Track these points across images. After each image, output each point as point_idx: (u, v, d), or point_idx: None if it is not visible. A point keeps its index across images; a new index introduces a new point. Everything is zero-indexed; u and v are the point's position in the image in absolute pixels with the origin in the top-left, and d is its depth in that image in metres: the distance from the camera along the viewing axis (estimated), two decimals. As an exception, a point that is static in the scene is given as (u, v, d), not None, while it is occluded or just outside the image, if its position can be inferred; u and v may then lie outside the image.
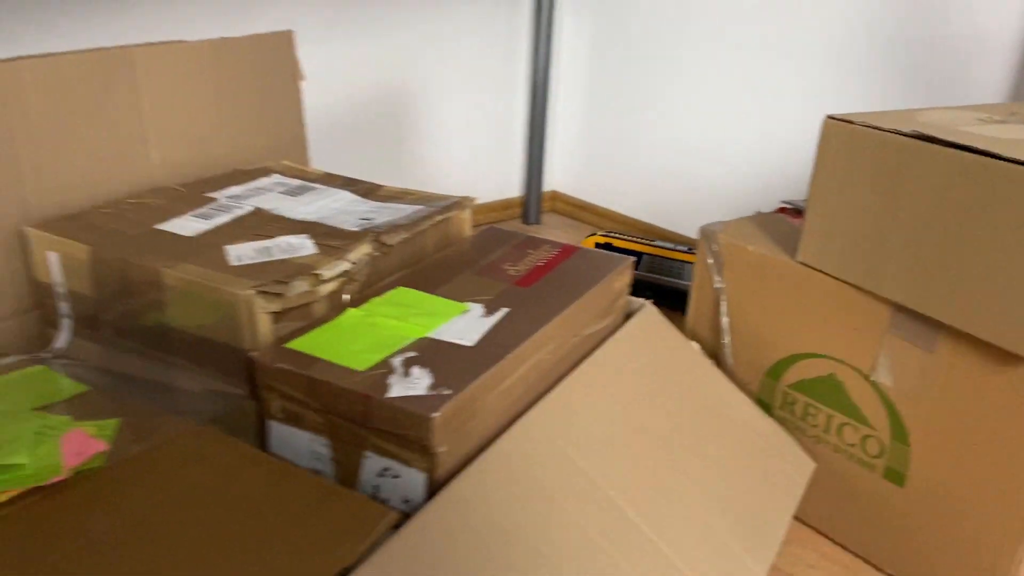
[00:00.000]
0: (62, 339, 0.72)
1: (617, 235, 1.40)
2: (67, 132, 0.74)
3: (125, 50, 0.79)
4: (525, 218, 1.73)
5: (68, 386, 0.64)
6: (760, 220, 0.91)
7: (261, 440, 0.62)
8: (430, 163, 1.59)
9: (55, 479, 0.51)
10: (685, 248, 1.36)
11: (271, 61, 0.93)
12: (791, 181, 1.38)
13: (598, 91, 1.66)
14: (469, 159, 1.65)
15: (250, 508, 0.51)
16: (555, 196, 1.79)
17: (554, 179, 1.77)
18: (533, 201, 1.70)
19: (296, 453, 0.59)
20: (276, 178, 0.88)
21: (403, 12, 1.44)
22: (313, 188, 0.85)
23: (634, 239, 1.39)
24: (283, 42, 0.94)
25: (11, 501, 0.50)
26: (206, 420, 0.62)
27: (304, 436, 0.59)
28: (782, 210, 0.94)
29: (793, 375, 0.83)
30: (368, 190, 0.86)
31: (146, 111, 0.81)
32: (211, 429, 0.59)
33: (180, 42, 0.84)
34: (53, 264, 0.70)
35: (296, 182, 0.87)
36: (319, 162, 1.36)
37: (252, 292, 0.60)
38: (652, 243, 1.37)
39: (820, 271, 0.77)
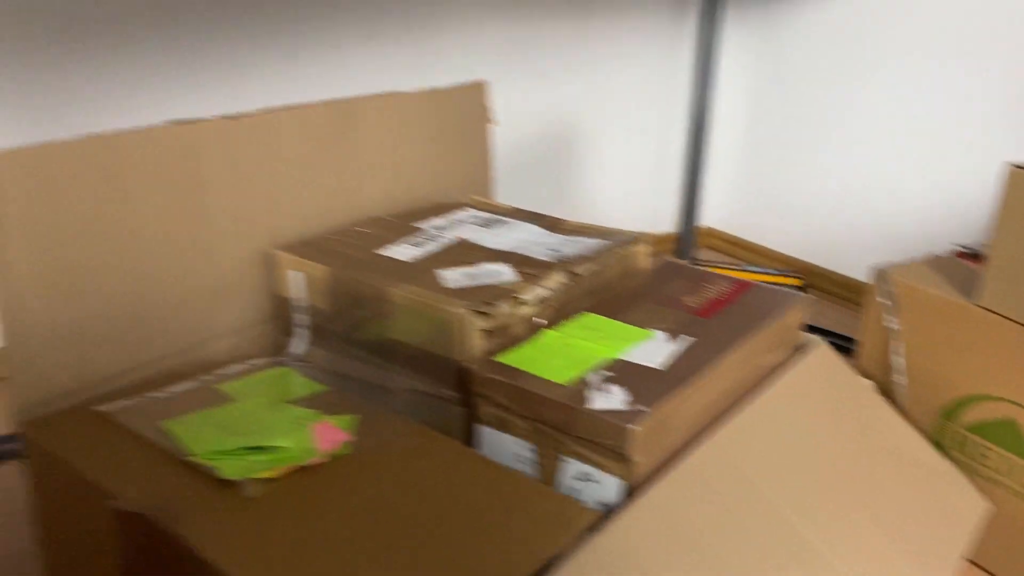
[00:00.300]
0: (298, 346, 0.84)
1: (705, 262, 1.46)
2: (308, 170, 0.87)
3: (353, 100, 0.91)
4: (679, 253, 1.77)
5: (309, 385, 0.75)
6: (935, 263, 0.92)
7: (468, 442, 0.71)
8: (589, 197, 1.67)
9: (313, 461, 0.62)
10: (776, 271, 1.38)
11: (468, 107, 1.04)
12: (957, 223, 1.36)
13: (757, 128, 1.68)
14: (626, 194, 1.72)
15: (466, 499, 0.59)
16: (710, 232, 1.82)
17: (709, 215, 1.81)
18: (688, 237, 1.74)
19: (501, 455, 0.67)
20: (470, 212, 0.98)
21: (570, 54, 1.54)
22: (503, 221, 0.95)
23: (724, 265, 1.44)
24: (479, 91, 1.05)
25: (280, 477, 0.60)
26: (417, 421, 0.71)
27: (510, 440, 0.67)
28: (959, 254, 0.94)
29: (969, 416, 0.83)
30: (552, 224, 0.94)
31: (366, 152, 0.93)
32: (430, 429, 0.68)
33: (396, 93, 0.96)
34: (296, 281, 0.82)
35: (487, 215, 0.97)
36: (494, 194, 1.47)
37: (466, 311, 0.69)
38: (743, 268, 1.41)
39: (1002, 315, 0.78)
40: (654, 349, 0.70)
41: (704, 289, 0.83)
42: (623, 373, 0.66)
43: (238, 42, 1.21)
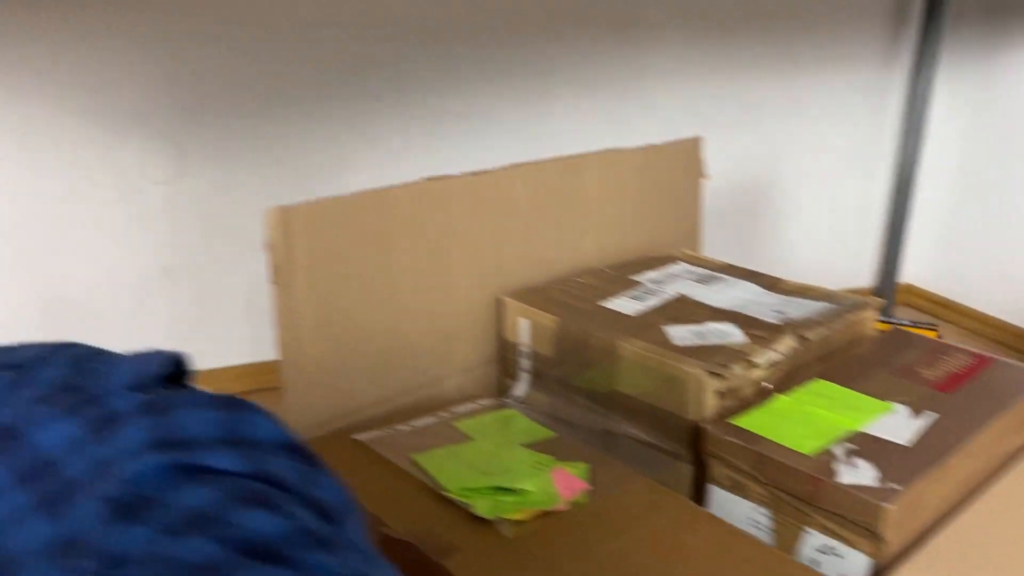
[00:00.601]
0: (520, 388, 0.88)
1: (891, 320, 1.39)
2: (536, 222, 0.92)
3: (577, 157, 0.96)
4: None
5: (538, 430, 0.79)
6: None
7: (695, 499, 0.71)
8: (782, 248, 1.64)
9: (556, 507, 0.65)
10: (909, 322, 1.30)
11: (682, 162, 1.06)
12: None
13: (970, 181, 1.59)
14: (820, 245, 1.67)
15: (706, 561, 0.60)
16: (908, 289, 1.73)
17: (909, 271, 1.72)
18: (886, 293, 1.67)
19: (733, 517, 0.68)
20: (683, 266, 1.00)
21: (770, 106, 1.52)
22: (719, 278, 0.95)
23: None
24: (693, 146, 1.07)
25: (528, 520, 0.64)
26: (637, 471, 0.73)
27: (745, 504, 0.67)
28: None
29: None
30: (771, 283, 0.94)
31: (586, 205, 0.98)
32: (659, 485, 0.69)
33: (615, 149, 0.99)
34: (523, 328, 0.87)
35: (702, 271, 0.98)
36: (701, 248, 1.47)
37: (702, 371, 0.71)
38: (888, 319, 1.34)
39: None
40: (898, 424, 0.68)
41: (941, 361, 0.79)
42: (868, 447, 0.64)
43: (481, 107, 1.30)
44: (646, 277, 0.95)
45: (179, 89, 1.20)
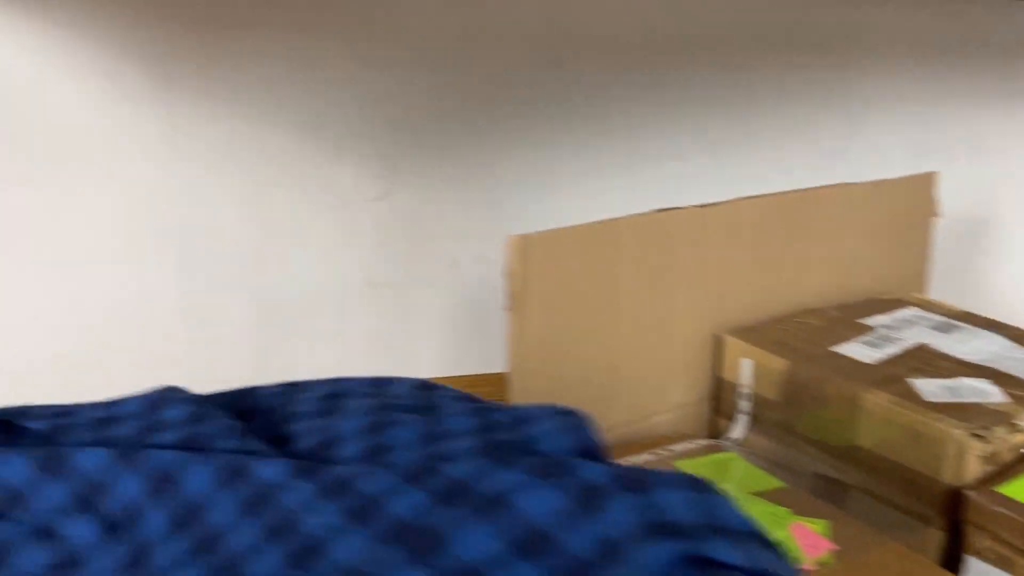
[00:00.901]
0: (737, 431, 0.85)
1: None
2: (757, 257, 0.89)
3: (805, 191, 0.92)
4: (1104, 363, 1.52)
5: (763, 477, 0.75)
6: None
7: (945, 567, 0.66)
8: (997, 290, 1.51)
9: (802, 567, 0.61)
10: None
11: (914, 199, 1.00)
12: None
13: None
14: (1041, 291, 1.53)
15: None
16: None
17: None
18: (1121, 347, 1.49)
19: (998, 597, 0.62)
20: (914, 311, 0.93)
21: (996, 139, 1.41)
22: (959, 327, 0.88)
23: None
24: (927, 182, 1.00)
25: None
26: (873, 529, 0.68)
27: (1014, 584, 0.61)
28: None
29: None
30: (1018, 336, 0.86)
31: (810, 242, 0.93)
32: (912, 552, 0.64)
33: (844, 184, 0.94)
34: (745, 368, 0.84)
35: (938, 317, 0.91)
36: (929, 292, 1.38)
37: (964, 433, 0.65)
38: None
39: None
40: None
41: None
42: None
43: (682, 133, 1.28)
44: (877, 322, 0.89)
45: (394, 110, 1.25)
